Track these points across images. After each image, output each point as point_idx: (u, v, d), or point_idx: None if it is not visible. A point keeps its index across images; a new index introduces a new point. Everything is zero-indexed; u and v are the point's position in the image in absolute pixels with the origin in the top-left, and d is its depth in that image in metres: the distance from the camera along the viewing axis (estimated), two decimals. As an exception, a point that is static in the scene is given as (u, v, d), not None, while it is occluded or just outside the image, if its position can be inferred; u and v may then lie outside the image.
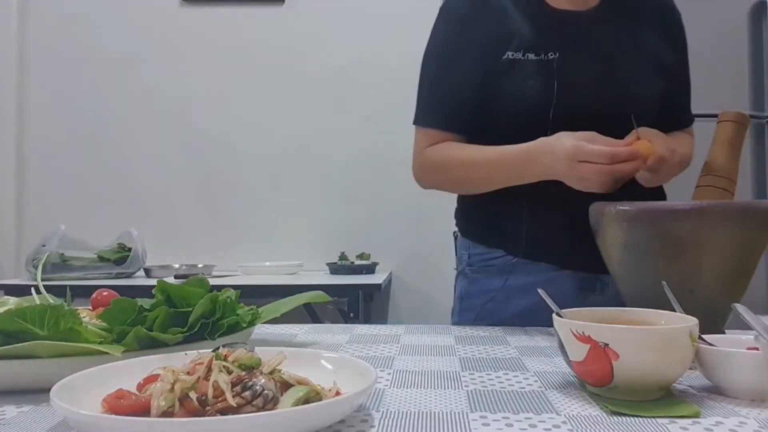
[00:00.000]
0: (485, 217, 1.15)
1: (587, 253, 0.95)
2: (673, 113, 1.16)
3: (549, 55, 1.03)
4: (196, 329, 0.68)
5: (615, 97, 1.05)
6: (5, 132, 2.79)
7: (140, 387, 0.51)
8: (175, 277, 2.31)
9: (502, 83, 1.04)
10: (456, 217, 1.23)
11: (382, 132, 2.69)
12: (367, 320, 2.40)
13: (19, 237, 2.79)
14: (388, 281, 2.63)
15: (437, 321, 1.21)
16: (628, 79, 1.07)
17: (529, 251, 1.08)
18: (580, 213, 0.89)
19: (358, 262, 2.54)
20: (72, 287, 0.89)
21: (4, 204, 2.79)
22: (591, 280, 1.07)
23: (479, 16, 1.07)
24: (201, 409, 0.45)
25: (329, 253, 2.59)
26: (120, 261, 2.37)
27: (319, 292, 0.91)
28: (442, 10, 1.13)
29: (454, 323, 1.15)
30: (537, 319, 1.00)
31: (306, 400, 0.48)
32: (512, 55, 1.03)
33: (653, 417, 0.52)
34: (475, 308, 1.13)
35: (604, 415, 0.53)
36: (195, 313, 0.68)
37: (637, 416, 0.52)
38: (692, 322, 0.57)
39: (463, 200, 1.21)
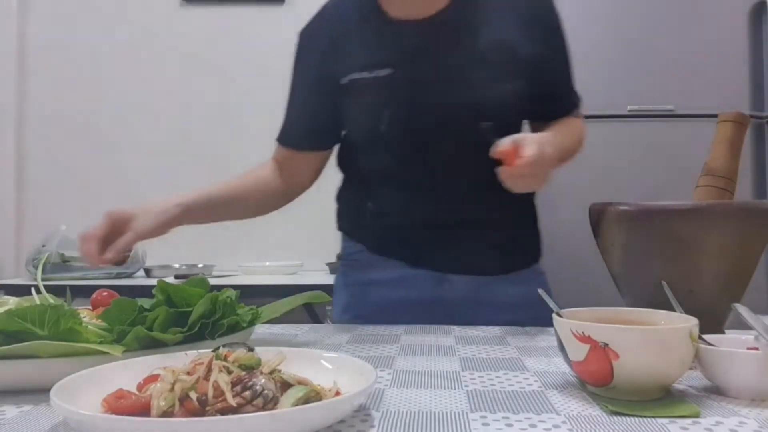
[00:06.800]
0: (347, 212, 1.23)
1: (436, 253, 1.01)
2: (552, 102, 1.12)
3: (382, 71, 1.04)
4: (196, 329, 0.68)
5: (461, 106, 1.02)
6: (5, 131, 2.79)
7: (140, 387, 0.51)
8: (175, 277, 2.32)
9: (344, 104, 1.09)
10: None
11: (382, 132, 2.69)
12: (367, 320, 2.40)
13: (19, 237, 2.79)
14: (388, 281, 2.63)
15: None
16: (477, 85, 1.03)
17: (379, 247, 1.12)
18: (430, 212, 0.95)
19: (358, 262, 2.53)
20: (72, 287, 0.89)
21: (4, 204, 2.79)
22: (439, 279, 1.07)
23: (316, 40, 1.13)
24: (201, 409, 0.45)
25: (329, 253, 2.59)
26: (120, 261, 2.37)
27: (319, 292, 0.91)
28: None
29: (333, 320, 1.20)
30: (394, 315, 1.04)
31: (306, 400, 0.48)
32: (353, 75, 1.06)
33: (653, 417, 0.52)
34: (341, 303, 1.17)
35: (604, 415, 0.53)
36: (195, 313, 0.68)
37: (637, 416, 0.52)
38: (692, 322, 0.57)
39: (338, 194, 1.27)
